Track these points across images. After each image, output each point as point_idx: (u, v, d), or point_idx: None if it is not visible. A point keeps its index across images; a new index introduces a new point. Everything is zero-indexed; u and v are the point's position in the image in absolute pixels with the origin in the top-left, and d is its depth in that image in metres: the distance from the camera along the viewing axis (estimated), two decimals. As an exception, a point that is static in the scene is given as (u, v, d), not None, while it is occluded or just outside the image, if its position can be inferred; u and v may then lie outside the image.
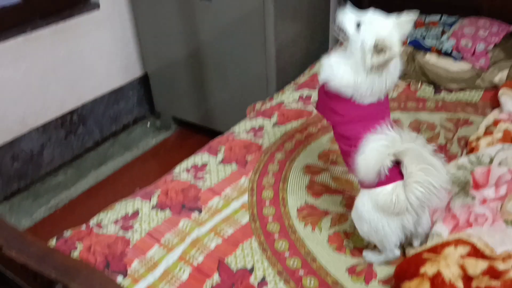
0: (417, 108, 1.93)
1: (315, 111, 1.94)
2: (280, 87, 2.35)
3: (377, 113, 1.19)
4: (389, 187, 1.12)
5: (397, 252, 1.24)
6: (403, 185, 1.11)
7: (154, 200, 1.51)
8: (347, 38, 1.16)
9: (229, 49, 2.45)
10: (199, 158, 1.70)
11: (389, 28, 1.11)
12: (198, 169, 1.64)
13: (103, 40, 2.66)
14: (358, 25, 1.13)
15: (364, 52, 1.11)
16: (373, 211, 1.16)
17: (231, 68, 2.50)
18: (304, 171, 1.61)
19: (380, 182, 1.13)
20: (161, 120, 3.00)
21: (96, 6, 2.56)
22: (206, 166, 1.65)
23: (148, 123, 3.02)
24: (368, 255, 1.28)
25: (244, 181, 1.57)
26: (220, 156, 1.70)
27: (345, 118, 1.21)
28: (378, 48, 1.08)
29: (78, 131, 2.66)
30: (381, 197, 1.13)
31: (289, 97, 2.09)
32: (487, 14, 2.16)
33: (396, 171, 1.13)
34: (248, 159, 1.68)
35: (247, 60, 2.42)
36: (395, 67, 1.18)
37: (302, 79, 2.24)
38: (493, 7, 2.15)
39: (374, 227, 1.17)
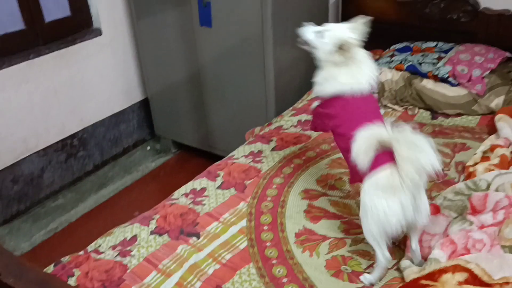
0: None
1: (314, 135, 1.96)
2: (279, 111, 2.37)
3: (367, 110, 1.38)
4: (387, 170, 1.22)
5: (388, 255, 1.27)
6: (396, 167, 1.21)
7: (153, 225, 1.51)
8: (312, 47, 1.44)
9: (228, 73, 2.48)
10: (198, 183, 1.71)
11: (347, 31, 1.39)
12: (197, 193, 1.65)
13: (105, 65, 2.71)
14: (319, 32, 1.41)
15: (331, 52, 1.38)
16: (374, 196, 1.24)
17: (231, 93, 2.53)
18: (303, 196, 1.62)
19: (374, 167, 1.24)
20: (161, 143, 3.02)
21: (99, 32, 2.61)
22: (205, 191, 1.66)
23: (148, 147, 3.04)
24: (365, 278, 1.29)
25: (242, 206, 1.58)
26: (219, 181, 1.70)
27: (340, 118, 1.39)
28: (343, 47, 1.35)
29: (79, 154, 2.68)
30: (381, 179, 1.23)
31: (288, 121, 2.11)
32: (482, 41, 2.19)
33: (388, 157, 1.22)
34: (247, 183, 1.68)
35: (247, 84, 2.45)
36: (365, 57, 1.41)
37: (300, 104, 2.27)
38: (488, 34, 2.19)
39: (376, 214, 1.23)
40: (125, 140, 2.92)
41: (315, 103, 1.56)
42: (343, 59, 1.37)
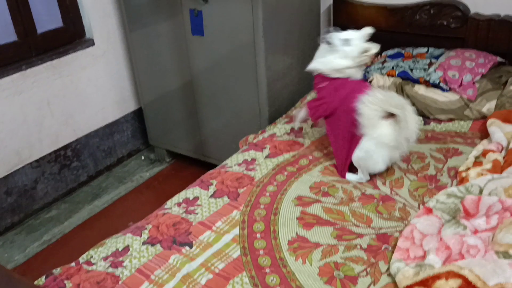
0: (407, 138, 1.95)
1: (306, 142, 1.96)
2: (272, 118, 2.38)
3: (361, 86, 1.72)
4: (390, 130, 1.61)
5: (368, 177, 1.72)
6: (399, 129, 1.60)
7: (145, 235, 1.51)
8: (335, 47, 1.72)
9: (221, 82, 2.49)
10: (190, 192, 1.70)
11: (363, 39, 1.74)
12: (190, 203, 1.64)
13: (98, 75, 2.71)
14: (346, 40, 1.71)
15: (358, 56, 1.72)
16: (374, 146, 1.64)
17: (224, 101, 2.54)
18: (296, 203, 1.61)
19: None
20: (155, 153, 3.01)
21: (91, 42, 2.62)
22: (198, 200, 1.65)
23: (142, 156, 3.03)
24: (349, 176, 1.73)
25: (235, 214, 1.57)
26: (211, 189, 1.70)
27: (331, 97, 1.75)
28: (364, 51, 1.71)
29: (72, 165, 2.67)
30: (384, 137, 1.62)
31: (281, 129, 2.11)
32: (473, 46, 2.21)
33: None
34: (240, 191, 1.68)
35: (240, 93, 2.46)
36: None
37: (293, 111, 2.26)
38: (478, 39, 2.21)
39: (370, 156, 1.66)
40: (119, 150, 2.92)
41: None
42: (365, 60, 1.73)
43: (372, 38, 2.53)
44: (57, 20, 2.53)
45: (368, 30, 1.74)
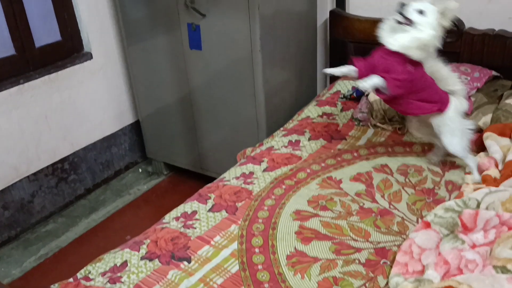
0: (405, 152, 1.96)
1: (304, 155, 1.97)
2: (270, 131, 2.39)
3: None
4: (454, 100, 1.69)
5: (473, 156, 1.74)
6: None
7: (143, 250, 1.50)
8: (412, 23, 1.54)
9: (219, 95, 2.50)
10: (189, 206, 1.70)
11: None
12: (188, 217, 1.64)
13: (96, 88, 2.72)
14: (420, 12, 1.53)
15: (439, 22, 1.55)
16: (457, 118, 1.68)
17: (222, 114, 2.55)
18: (294, 217, 1.61)
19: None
20: (153, 166, 3.01)
21: (89, 56, 2.63)
22: (196, 214, 1.65)
23: (140, 169, 3.03)
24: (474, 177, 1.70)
25: (234, 228, 1.57)
26: (210, 203, 1.70)
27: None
28: (444, 13, 1.54)
29: (70, 179, 2.67)
30: (458, 107, 1.68)
31: (279, 142, 2.12)
32: (468, 60, 2.23)
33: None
34: (238, 205, 1.68)
35: (238, 105, 2.47)
36: None
37: (291, 124, 2.28)
38: (473, 54, 2.23)
39: (466, 130, 1.69)
40: (117, 163, 2.92)
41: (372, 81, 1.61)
42: (448, 24, 1.56)
43: (368, 53, 2.58)
44: (55, 34, 2.55)
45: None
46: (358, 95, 2.33)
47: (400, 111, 1.82)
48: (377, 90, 1.65)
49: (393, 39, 1.58)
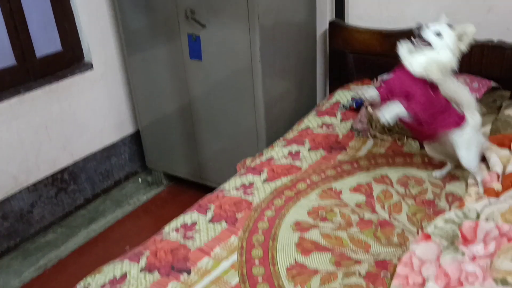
0: (405, 163, 1.96)
1: (304, 166, 1.97)
2: (270, 141, 2.39)
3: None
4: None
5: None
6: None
7: (143, 262, 1.50)
8: (430, 45, 1.56)
9: (219, 105, 2.51)
10: (188, 217, 1.70)
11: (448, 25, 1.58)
12: (188, 228, 1.64)
13: (96, 98, 2.73)
14: (438, 34, 1.55)
15: (456, 45, 1.57)
16: (476, 134, 1.70)
17: (222, 124, 2.55)
18: (294, 228, 1.61)
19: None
20: (153, 175, 3.01)
21: (90, 66, 2.64)
22: (196, 225, 1.65)
23: (140, 179, 3.03)
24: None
25: (233, 239, 1.57)
26: (209, 214, 1.70)
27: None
28: (461, 37, 1.57)
29: (69, 189, 2.66)
30: (474, 123, 1.69)
31: (279, 152, 2.12)
32: (466, 70, 2.23)
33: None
34: (238, 216, 1.68)
35: (238, 115, 2.48)
36: None
37: (290, 134, 2.28)
38: (472, 64, 2.24)
39: (477, 145, 1.69)
40: (116, 173, 2.92)
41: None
42: (466, 47, 1.59)
43: (368, 62, 2.59)
44: (55, 43, 2.56)
45: (443, 16, 1.62)
46: (357, 106, 2.33)
47: (423, 135, 1.80)
48: (407, 121, 1.67)
49: (412, 60, 1.59)
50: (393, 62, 2.45)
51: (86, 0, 2.58)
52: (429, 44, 1.55)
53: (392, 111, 1.58)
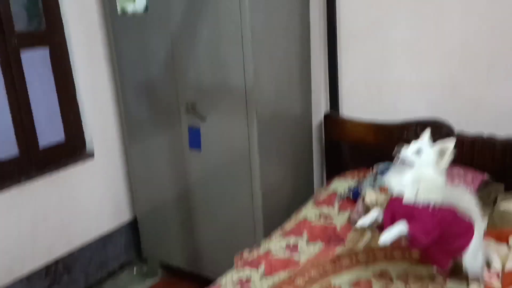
0: (403, 257, 1.94)
1: (302, 260, 1.94)
2: (268, 229, 2.38)
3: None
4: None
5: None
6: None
7: None
8: (411, 164, 1.58)
9: (217, 195, 2.53)
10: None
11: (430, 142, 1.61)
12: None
13: (95, 187, 2.74)
14: (417, 151, 1.57)
15: (439, 161, 1.57)
16: (480, 240, 1.65)
17: (220, 214, 2.55)
18: (293, 330, 1.56)
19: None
20: (148, 265, 2.95)
21: (91, 155, 2.69)
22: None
23: (135, 269, 2.96)
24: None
25: None
26: (206, 314, 1.65)
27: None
28: (442, 152, 1.57)
29: (63, 281, 2.59)
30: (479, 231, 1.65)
31: (276, 245, 2.10)
32: (460, 163, 2.28)
33: None
34: (235, 317, 1.63)
35: (235, 204, 2.49)
36: None
37: (288, 225, 2.27)
38: (465, 157, 2.28)
39: (482, 251, 1.66)
40: (111, 263, 2.86)
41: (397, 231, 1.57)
42: (447, 162, 1.57)
43: (364, 153, 2.65)
44: (59, 133, 2.62)
45: (427, 132, 1.64)
46: (354, 197, 2.35)
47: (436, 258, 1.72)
48: (410, 242, 1.62)
49: (396, 182, 1.61)
50: (389, 153, 2.52)
51: (92, 93, 2.68)
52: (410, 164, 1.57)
53: (393, 231, 1.56)
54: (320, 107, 2.79)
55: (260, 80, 2.28)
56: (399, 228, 1.56)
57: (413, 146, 1.59)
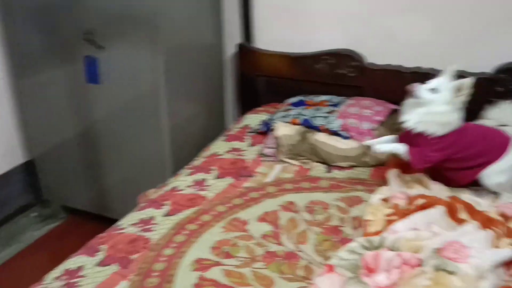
0: (311, 188, 1.92)
1: (209, 195, 1.86)
2: (177, 168, 2.26)
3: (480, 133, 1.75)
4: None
5: None
6: None
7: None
8: (426, 100, 1.65)
9: (123, 132, 2.37)
10: (73, 261, 1.51)
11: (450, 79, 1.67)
12: (72, 274, 1.45)
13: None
14: (433, 89, 1.64)
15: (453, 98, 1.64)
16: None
17: (126, 151, 2.41)
18: (194, 267, 1.48)
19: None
20: (50, 208, 2.75)
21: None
22: (82, 270, 1.46)
23: (35, 213, 2.75)
24: None
25: (122, 285, 1.40)
26: (99, 256, 1.52)
27: (457, 145, 1.68)
28: (458, 90, 1.62)
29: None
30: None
31: (184, 181, 2.00)
32: (370, 94, 2.28)
33: None
34: (132, 258, 1.52)
35: (142, 143, 2.36)
36: None
37: (197, 162, 2.16)
38: (374, 88, 2.29)
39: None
40: (7, 208, 2.62)
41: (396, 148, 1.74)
42: (463, 98, 1.63)
43: (277, 86, 2.57)
44: None
45: (452, 68, 1.68)
46: (265, 130, 2.28)
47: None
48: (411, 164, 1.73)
49: (408, 115, 1.70)
50: (303, 86, 2.47)
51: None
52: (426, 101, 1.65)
53: (386, 147, 1.76)
54: (233, 38, 2.63)
55: (166, 5, 2.11)
56: (395, 146, 1.74)
57: (430, 84, 1.66)
